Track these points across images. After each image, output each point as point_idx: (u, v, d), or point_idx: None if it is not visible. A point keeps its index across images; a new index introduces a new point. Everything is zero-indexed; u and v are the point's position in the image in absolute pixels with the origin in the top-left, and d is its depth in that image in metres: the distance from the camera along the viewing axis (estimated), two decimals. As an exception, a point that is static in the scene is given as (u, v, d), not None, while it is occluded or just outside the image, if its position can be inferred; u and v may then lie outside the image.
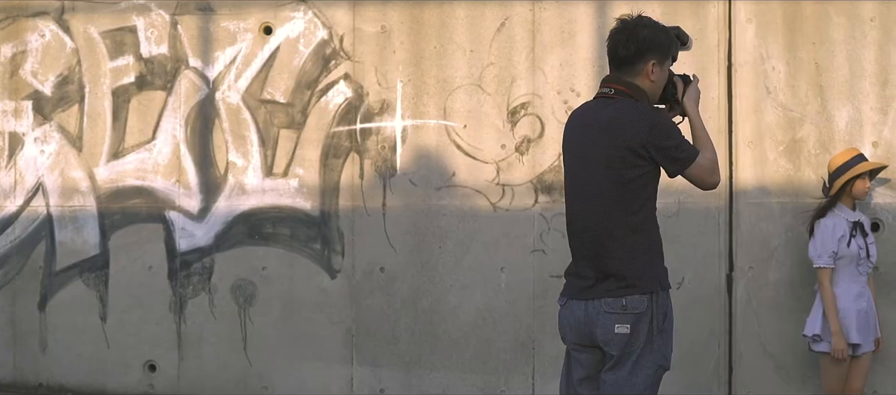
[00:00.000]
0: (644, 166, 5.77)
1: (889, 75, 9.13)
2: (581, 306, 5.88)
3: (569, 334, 6.01)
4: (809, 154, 9.19)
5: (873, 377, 9.03)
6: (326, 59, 9.77)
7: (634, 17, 6.03)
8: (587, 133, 5.92)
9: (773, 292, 9.27)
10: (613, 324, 5.75)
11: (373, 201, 9.70)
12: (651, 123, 5.75)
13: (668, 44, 5.98)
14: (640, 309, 5.75)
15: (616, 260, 5.79)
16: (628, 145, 5.72)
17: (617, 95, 5.90)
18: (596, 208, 5.85)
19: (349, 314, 9.77)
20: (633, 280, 5.78)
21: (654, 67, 5.88)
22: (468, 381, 9.62)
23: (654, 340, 5.78)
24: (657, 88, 5.96)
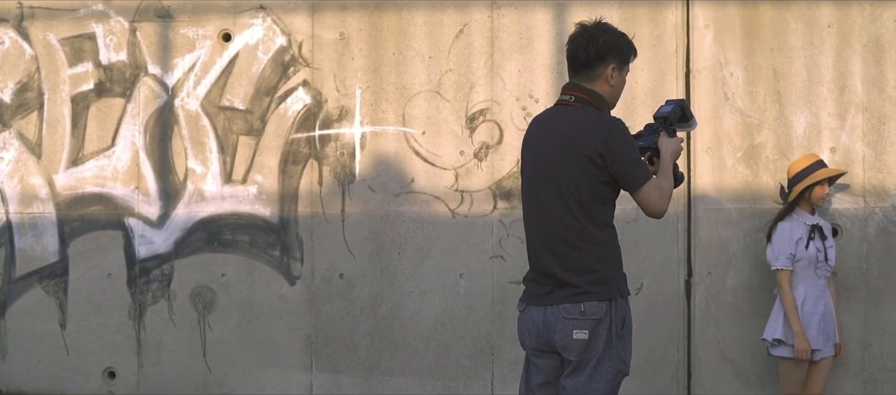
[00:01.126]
0: (602, 175, 5.40)
1: (847, 81, 8.36)
2: (540, 311, 5.52)
3: (527, 339, 5.63)
4: (768, 160, 8.42)
5: (833, 382, 8.29)
6: (285, 65, 8.83)
7: (594, 22, 5.66)
8: (547, 141, 5.56)
9: (732, 298, 8.49)
10: (572, 330, 5.39)
11: (332, 208, 8.78)
12: (610, 135, 5.40)
13: (628, 48, 5.63)
14: (599, 315, 5.38)
15: (574, 267, 5.43)
16: (587, 154, 5.37)
17: (577, 102, 5.54)
18: (554, 215, 5.48)
19: (308, 321, 8.84)
20: (592, 287, 5.41)
21: (613, 72, 5.53)
22: (428, 387, 8.72)
23: (614, 345, 5.42)
24: (617, 92, 5.62)
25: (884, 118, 8.32)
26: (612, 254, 5.54)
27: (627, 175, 5.43)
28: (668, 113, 5.81)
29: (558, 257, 5.48)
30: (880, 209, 8.32)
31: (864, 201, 8.32)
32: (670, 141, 5.70)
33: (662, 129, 5.77)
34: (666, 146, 5.67)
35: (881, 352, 8.34)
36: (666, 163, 5.63)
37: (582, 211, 5.43)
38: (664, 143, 5.69)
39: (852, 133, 8.34)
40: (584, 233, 5.44)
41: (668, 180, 5.58)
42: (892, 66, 8.31)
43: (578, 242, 5.44)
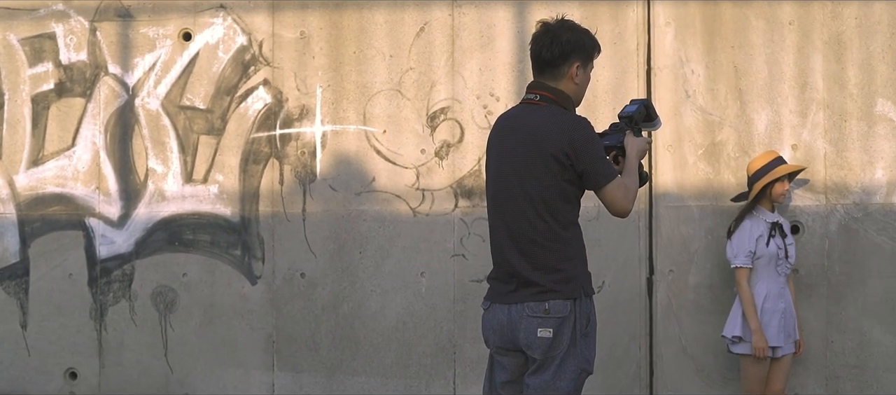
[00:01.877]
0: (567, 174, 5.09)
1: (808, 78, 7.78)
2: (504, 310, 5.19)
3: (492, 337, 5.29)
4: (729, 157, 7.85)
5: (794, 379, 7.75)
6: (246, 65, 8.18)
7: (557, 20, 5.31)
8: (512, 140, 5.22)
9: (694, 295, 7.92)
10: (536, 328, 5.08)
11: (293, 207, 8.14)
12: (575, 133, 5.09)
13: (591, 46, 5.30)
14: (563, 314, 5.08)
15: (539, 265, 5.12)
16: (552, 153, 5.06)
17: (542, 101, 5.22)
18: (519, 213, 5.15)
19: (270, 320, 8.21)
20: (556, 285, 5.10)
21: (577, 70, 5.22)
22: (389, 386, 8.10)
23: (578, 344, 5.11)
24: (581, 90, 5.30)
25: (845, 115, 7.79)
26: (576, 253, 5.22)
27: (593, 174, 5.11)
28: (634, 112, 5.50)
29: (523, 256, 5.16)
30: (842, 206, 7.79)
31: (825, 198, 7.79)
32: (636, 140, 5.39)
33: (628, 128, 5.45)
34: (632, 145, 5.36)
35: (843, 349, 7.82)
36: (632, 162, 5.33)
37: (547, 210, 5.12)
38: (630, 142, 5.38)
39: (814, 130, 7.81)
40: (548, 231, 5.13)
41: (634, 180, 5.29)
42: (854, 63, 7.78)
43: (543, 240, 5.13)
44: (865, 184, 7.75)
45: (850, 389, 7.79)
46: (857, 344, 7.77)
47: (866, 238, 7.75)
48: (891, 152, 7.71)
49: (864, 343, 7.77)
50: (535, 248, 5.14)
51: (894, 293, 7.73)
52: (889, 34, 7.73)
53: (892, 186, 7.71)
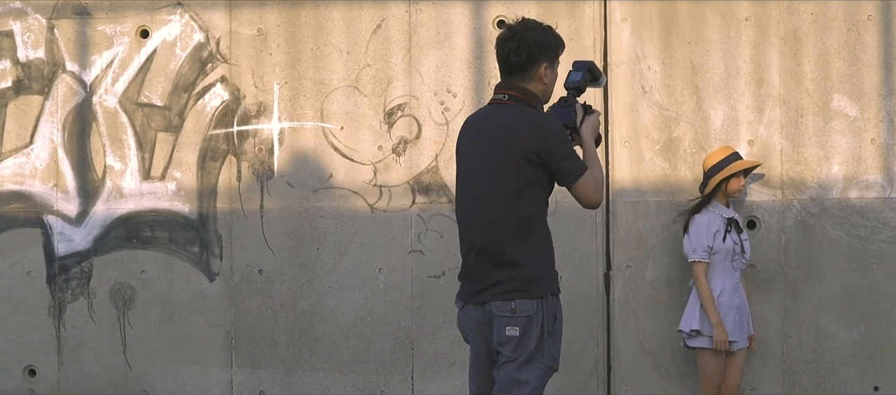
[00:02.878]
0: (536, 172, 4.75)
1: (764, 74, 7.14)
2: (477, 309, 4.88)
3: (470, 334, 5.00)
4: (685, 153, 7.19)
5: (751, 373, 7.14)
6: (203, 62, 7.42)
7: (519, 21, 4.95)
8: (481, 139, 4.88)
9: (651, 291, 7.25)
10: (504, 327, 4.77)
11: (250, 204, 7.39)
12: (544, 132, 4.76)
13: (556, 44, 4.92)
14: (530, 313, 4.75)
15: (507, 265, 4.77)
16: (521, 152, 4.72)
17: (510, 100, 4.86)
18: (488, 213, 4.80)
19: (228, 317, 7.44)
20: (523, 285, 4.76)
21: (545, 70, 4.87)
22: (348, 382, 7.37)
23: (545, 342, 4.79)
24: (549, 89, 4.93)
25: (801, 111, 7.14)
26: (544, 252, 4.89)
27: (563, 171, 4.79)
28: (580, 81, 5.03)
29: (491, 255, 4.81)
30: (798, 202, 7.14)
31: (782, 193, 7.14)
32: (589, 120, 5.01)
33: (576, 100, 5.02)
34: (586, 128, 4.99)
35: (800, 344, 7.18)
36: (591, 149, 4.99)
37: (515, 209, 4.77)
38: (585, 125, 5.00)
39: (770, 126, 7.15)
40: (516, 231, 4.78)
41: (599, 169, 4.95)
42: (810, 58, 7.14)
43: (511, 240, 4.78)
44: (822, 179, 7.13)
45: (807, 384, 7.18)
46: (814, 339, 7.17)
47: (823, 233, 7.14)
48: (847, 148, 7.11)
49: (821, 338, 7.18)
50: (503, 247, 4.79)
51: (851, 288, 7.14)
52: (845, 30, 7.12)
53: (849, 182, 7.11)
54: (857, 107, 7.14)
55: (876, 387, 7.16)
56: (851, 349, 7.16)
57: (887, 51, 7.15)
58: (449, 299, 7.16)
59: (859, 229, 7.14)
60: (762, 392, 7.20)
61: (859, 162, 7.13)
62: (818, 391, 7.18)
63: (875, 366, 7.16)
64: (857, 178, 7.13)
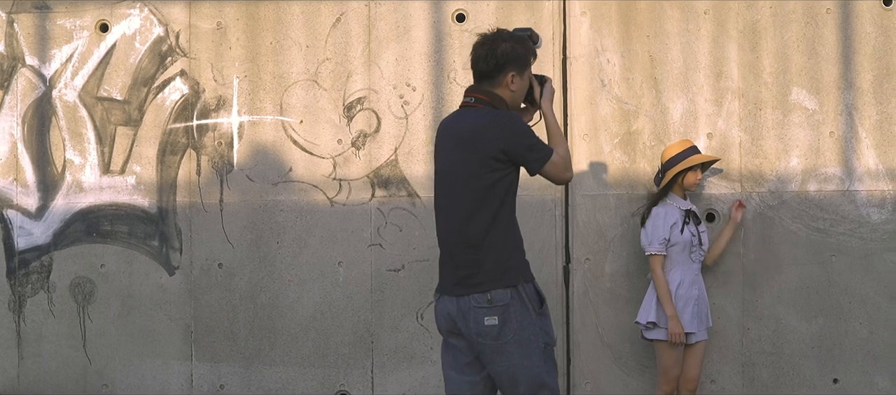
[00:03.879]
0: (504, 170, 4.90)
1: (723, 67, 6.96)
2: (453, 301, 4.97)
3: (443, 324, 5.06)
4: (644, 146, 7.01)
5: (711, 366, 6.95)
6: (163, 56, 7.21)
7: (494, 31, 5.07)
8: (452, 142, 5.00)
9: (610, 283, 7.06)
10: (483, 317, 4.89)
11: (210, 197, 7.19)
12: (508, 129, 4.88)
13: (526, 54, 5.04)
14: (505, 301, 4.88)
15: (480, 259, 4.90)
16: (489, 151, 4.86)
17: (478, 103, 5.00)
18: (461, 211, 4.93)
19: (188, 311, 7.24)
20: (497, 276, 4.89)
21: (513, 78, 5.00)
22: (308, 375, 7.18)
23: (536, 322, 4.93)
24: (517, 96, 5.05)
25: (760, 104, 6.98)
26: (513, 243, 5.00)
27: (531, 162, 4.94)
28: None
29: (465, 250, 4.93)
30: (757, 194, 6.98)
31: (740, 186, 6.98)
32: (546, 91, 5.16)
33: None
34: (545, 98, 5.15)
35: (759, 336, 7.00)
36: (553, 125, 5.13)
37: (486, 206, 4.90)
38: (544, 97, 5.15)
39: (729, 119, 6.99)
40: (487, 225, 4.90)
41: (564, 145, 5.07)
42: (769, 52, 6.97)
43: (483, 234, 4.90)
44: (780, 172, 6.97)
45: (766, 376, 7.01)
46: (773, 331, 7.00)
47: (781, 226, 6.98)
48: (805, 141, 6.95)
49: (780, 330, 7.01)
50: (476, 241, 4.91)
51: (809, 281, 6.97)
52: (804, 23, 6.96)
53: (807, 174, 6.95)
54: (816, 100, 6.99)
55: (834, 379, 7.01)
56: (810, 341, 7.01)
57: (846, 44, 6.99)
58: (408, 293, 7.02)
59: (818, 221, 6.99)
60: (721, 385, 7.05)
61: (818, 155, 6.98)
62: (777, 383, 7.03)
63: (834, 358, 7.01)
64: (815, 171, 6.99)
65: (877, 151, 6.95)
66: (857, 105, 6.97)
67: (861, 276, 6.98)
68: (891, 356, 6.98)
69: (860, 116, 6.96)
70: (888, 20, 6.97)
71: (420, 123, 7.08)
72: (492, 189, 4.90)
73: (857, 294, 6.98)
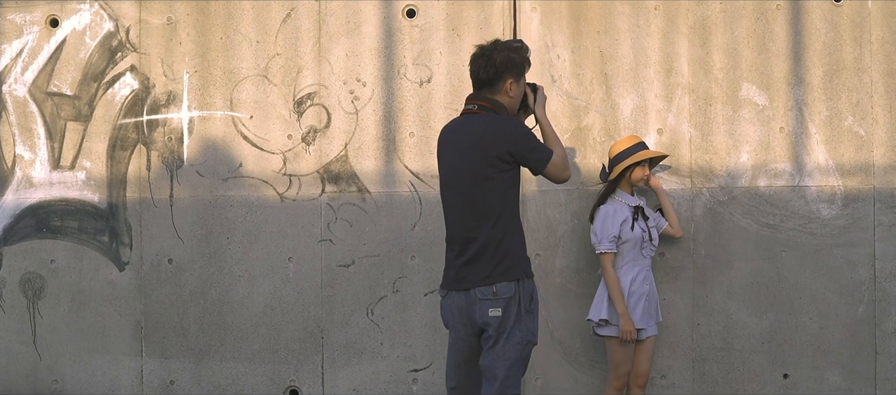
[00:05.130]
0: (508, 170, 5.13)
1: (673, 63, 6.76)
2: (461, 295, 5.19)
3: (451, 319, 5.28)
4: (595, 142, 6.80)
5: (661, 361, 6.76)
6: (113, 51, 6.98)
7: (491, 42, 5.29)
8: (457, 146, 5.21)
9: (561, 279, 6.83)
10: (488, 308, 5.11)
11: (160, 193, 6.97)
12: (513, 132, 5.14)
13: (522, 63, 5.28)
14: (509, 294, 5.11)
15: (488, 254, 5.12)
16: (495, 154, 5.08)
17: (480, 110, 5.22)
18: (468, 211, 5.16)
19: (138, 306, 7.01)
20: (502, 270, 5.12)
21: (511, 85, 5.24)
22: (258, 371, 6.97)
23: (523, 319, 5.14)
24: (515, 101, 5.29)
25: (710, 100, 6.80)
26: (517, 240, 5.21)
27: (534, 162, 5.20)
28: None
29: (473, 245, 5.14)
30: (707, 190, 6.81)
31: (690, 181, 6.80)
32: (540, 98, 5.44)
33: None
34: (540, 105, 5.43)
35: (709, 331, 6.81)
36: (548, 129, 5.39)
37: (491, 205, 5.12)
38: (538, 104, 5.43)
39: (679, 115, 6.81)
40: (494, 223, 5.12)
41: (560, 146, 5.32)
42: (719, 47, 6.79)
43: (490, 232, 5.12)
44: (730, 168, 6.79)
45: (717, 371, 6.82)
46: (723, 327, 6.82)
47: (731, 221, 6.80)
48: (755, 136, 6.77)
49: (730, 326, 6.82)
50: (482, 239, 5.11)
51: (759, 276, 6.78)
52: (754, 19, 6.79)
53: (757, 170, 6.77)
54: (766, 96, 6.82)
55: (785, 375, 6.84)
56: (760, 336, 6.84)
57: (796, 40, 6.83)
58: (358, 288, 6.84)
59: (768, 217, 6.83)
60: (671, 380, 6.87)
61: (768, 151, 6.81)
62: (727, 378, 6.86)
63: (784, 353, 6.84)
64: (765, 166, 6.82)
65: (827, 147, 6.78)
66: (807, 101, 6.80)
67: (811, 271, 6.81)
68: (841, 352, 6.82)
69: (810, 112, 6.80)
70: (838, 16, 6.81)
71: (370, 118, 6.90)
72: (497, 189, 5.11)
73: (808, 290, 6.81)
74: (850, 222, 6.80)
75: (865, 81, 6.79)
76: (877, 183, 6.78)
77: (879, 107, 6.78)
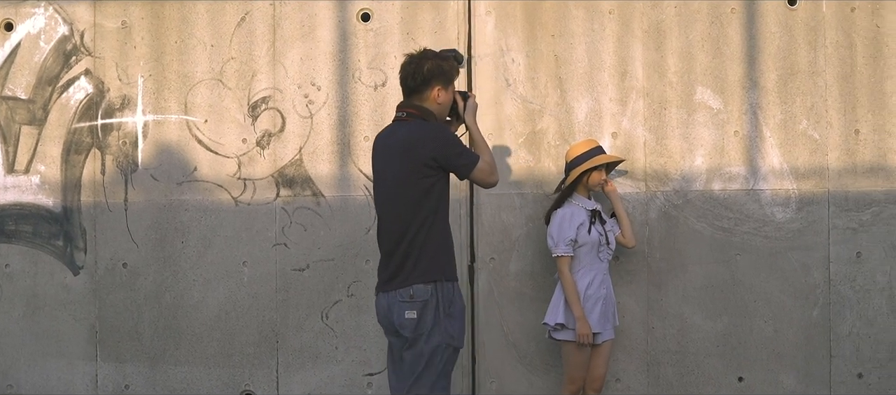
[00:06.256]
0: (435, 176, 5.11)
1: (627, 67, 6.60)
2: (385, 297, 5.20)
3: (381, 322, 5.30)
4: (549, 145, 6.63)
5: (616, 365, 6.60)
6: (67, 55, 6.79)
7: (420, 51, 5.30)
8: (386, 153, 5.22)
9: (516, 283, 6.66)
10: (404, 311, 5.09)
11: (115, 197, 6.77)
12: (438, 138, 5.12)
13: (450, 71, 5.27)
14: (425, 297, 5.07)
15: (409, 256, 5.11)
16: (421, 160, 5.07)
17: (409, 117, 5.23)
18: (396, 214, 5.15)
19: (93, 311, 6.80)
20: (420, 272, 5.10)
21: (439, 92, 5.24)
22: (212, 375, 6.79)
23: (442, 322, 5.09)
24: (444, 108, 5.28)
25: (664, 103, 6.66)
26: (440, 243, 5.17)
27: (459, 167, 5.16)
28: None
29: (398, 248, 5.14)
30: (662, 193, 6.66)
31: (645, 185, 6.66)
32: (469, 105, 5.39)
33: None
34: (469, 112, 5.39)
35: (664, 334, 6.67)
36: (478, 136, 5.36)
37: (418, 209, 5.10)
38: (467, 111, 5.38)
39: (633, 118, 6.66)
40: (419, 228, 5.11)
41: (488, 152, 5.29)
42: (673, 51, 6.64)
43: (414, 234, 5.10)
44: (685, 171, 6.66)
45: (672, 374, 6.68)
46: (678, 330, 6.68)
47: (686, 225, 6.66)
48: (710, 140, 6.64)
49: (685, 329, 6.68)
50: (406, 241, 5.10)
51: (714, 279, 6.63)
52: (708, 23, 6.65)
53: (712, 174, 6.63)
54: (721, 99, 6.69)
55: (740, 378, 6.71)
56: (715, 339, 6.70)
57: (750, 44, 6.69)
58: (313, 292, 6.70)
59: (722, 220, 6.69)
60: (626, 383, 6.73)
61: (722, 154, 6.68)
62: (682, 381, 6.72)
63: (738, 357, 6.70)
64: (720, 170, 6.68)
65: (781, 151, 6.65)
66: (761, 104, 6.67)
67: (765, 274, 6.68)
68: (795, 354, 6.69)
69: (765, 116, 6.67)
70: (792, 20, 6.68)
71: (325, 122, 6.74)
72: (424, 195, 5.07)
73: (762, 293, 6.68)
74: (805, 226, 6.67)
75: (820, 85, 6.66)
76: (831, 186, 6.65)
77: (834, 110, 6.66)
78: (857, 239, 6.66)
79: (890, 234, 6.66)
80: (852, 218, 6.65)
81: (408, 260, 5.10)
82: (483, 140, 5.36)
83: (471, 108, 5.39)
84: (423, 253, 5.09)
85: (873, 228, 6.66)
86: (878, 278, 6.67)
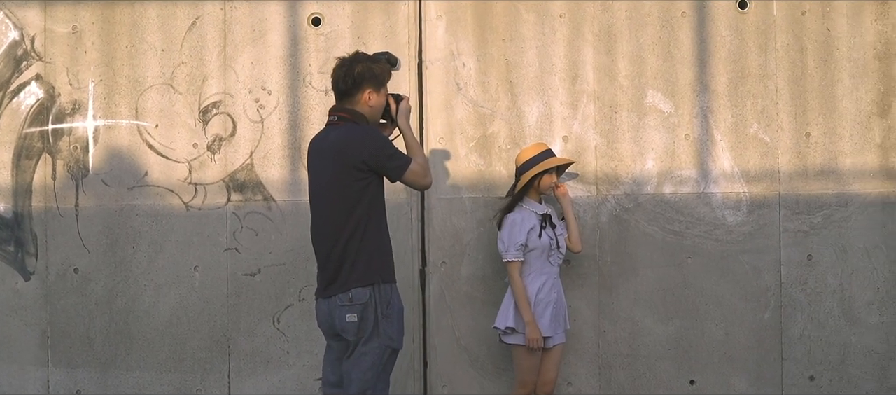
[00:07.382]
0: (367, 178, 5.03)
1: (578, 71, 6.45)
2: (325, 303, 5.13)
3: (322, 326, 5.22)
4: (500, 149, 6.48)
5: (567, 368, 6.44)
6: (18, 60, 6.60)
7: (352, 54, 5.23)
8: (320, 157, 5.14)
9: (467, 287, 6.51)
10: (345, 314, 5.02)
11: (66, 202, 6.61)
12: (368, 142, 5.04)
13: (382, 73, 5.20)
14: (364, 300, 5.01)
15: (345, 261, 5.03)
16: (352, 163, 5.00)
17: (340, 121, 5.15)
18: (329, 219, 5.08)
19: (44, 316, 6.62)
20: (357, 276, 5.03)
21: (370, 95, 5.17)
22: (164, 380, 6.63)
23: (380, 324, 5.04)
24: (376, 111, 5.21)
25: (615, 107, 6.53)
26: (376, 246, 5.08)
27: (391, 170, 5.08)
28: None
29: (333, 252, 5.06)
30: (613, 197, 6.53)
31: (596, 188, 6.52)
32: (401, 110, 5.31)
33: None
34: (402, 115, 5.31)
35: (615, 338, 6.53)
36: (410, 136, 5.29)
37: (350, 212, 5.02)
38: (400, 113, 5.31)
39: (584, 122, 6.53)
40: (352, 230, 5.03)
41: (422, 154, 5.22)
42: (624, 55, 6.51)
43: (348, 238, 5.03)
44: (636, 175, 6.53)
45: (623, 378, 6.55)
46: (629, 334, 6.54)
47: (637, 228, 6.53)
48: (661, 143, 6.51)
49: (636, 333, 6.54)
50: (341, 245, 5.02)
51: (665, 283, 6.50)
52: (659, 26, 6.53)
53: (663, 177, 6.51)
54: (671, 103, 6.56)
55: (691, 381, 6.58)
56: (666, 343, 6.57)
57: (701, 47, 6.57)
58: (264, 297, 6.56)
59: (673, 223, 6.56)
60: (578, 387, 6.59)
61: (673, 157, 6.55)
62: (634, 385, 6.58)
63: (690, 360, 6.57)
64: (671, 173, 6.56)
65: (732, 154, 6.53)
66: (712, 108, 6.55)
67: (717, 278, 6.55)
68: (747, 357, 6.56)
69: (715, 119, 6.55)
70: (743, 23, 6.56)
71: (276, 126, 6.60)
72: (357, 198, 4.99)
73: (713, 296, 6.55)
74: (756, 229, 6.55)
75: (770, 88, 6.55)
76: (782, 189, 6.54)
77: (784, 113, 6.54)
78: (808, 242, 6.54)
79: (841, 237, 6.54)
80: (803, 221, 6.53)
81: (344, 264, 5.02)
82: (415, 141, 5.30)
83: (404, 110, 5.31)
84: (360, 257, 5.01)
85: (824, 231, 6.54)
86: (830, 280, 6.55)
